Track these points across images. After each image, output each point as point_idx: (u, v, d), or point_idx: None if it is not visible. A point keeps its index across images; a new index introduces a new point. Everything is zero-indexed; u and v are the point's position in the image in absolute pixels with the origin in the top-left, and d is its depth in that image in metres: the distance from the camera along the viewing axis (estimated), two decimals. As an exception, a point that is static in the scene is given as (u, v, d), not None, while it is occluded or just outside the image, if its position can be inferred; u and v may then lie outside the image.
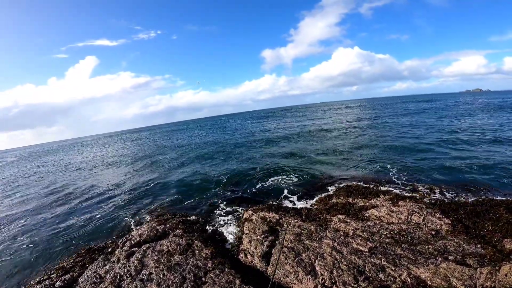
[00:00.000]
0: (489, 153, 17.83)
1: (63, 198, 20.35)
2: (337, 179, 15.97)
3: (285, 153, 25.46)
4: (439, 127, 31.28)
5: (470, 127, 29.38)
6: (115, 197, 18.59)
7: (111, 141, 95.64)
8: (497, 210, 9.53)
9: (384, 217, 9.85)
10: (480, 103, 64.99)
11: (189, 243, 9.52)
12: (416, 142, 23.49)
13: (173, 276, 7.48)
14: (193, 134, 72.36)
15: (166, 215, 13.30)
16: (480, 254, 6.95)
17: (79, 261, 9.78)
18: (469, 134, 24.78)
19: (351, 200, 12.17)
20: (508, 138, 21.74)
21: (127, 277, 7.73)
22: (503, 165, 15.08)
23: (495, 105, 56.32)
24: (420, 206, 10.22)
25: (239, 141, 40.08)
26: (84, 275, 8.41)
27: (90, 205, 17.56)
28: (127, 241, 10.42)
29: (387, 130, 32.24)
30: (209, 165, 25.12)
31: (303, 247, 8.21)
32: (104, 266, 8.64)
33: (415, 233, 8.45)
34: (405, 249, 7.53)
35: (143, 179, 22.71)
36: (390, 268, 6.76)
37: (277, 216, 10.90)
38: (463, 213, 9.75)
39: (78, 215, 15.75)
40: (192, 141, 52.28)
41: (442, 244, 7.60)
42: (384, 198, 11.57)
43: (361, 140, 27.63)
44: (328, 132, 35.87)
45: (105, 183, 23.55)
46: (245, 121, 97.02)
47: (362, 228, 9.07)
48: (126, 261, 8.62)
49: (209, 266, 7.87)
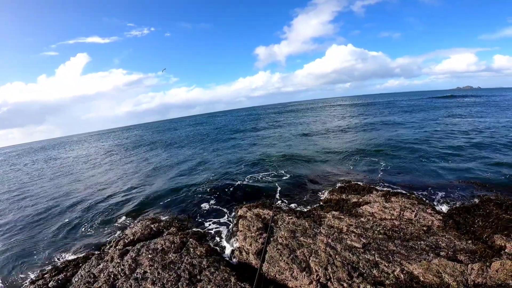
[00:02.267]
0: (478, 152, 18.16)
1: (54, 199, 20.01)
2: (331, 177, 16.06)
3: (277, 151, 25.45)
4: (432, 125, 31.70)
5: (462, 124, 29.88)
6: (107, 196, 18.36)
7: (101, 138, 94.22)
8: (487, 206, 9.73)
9: (377, 213, 9.96)
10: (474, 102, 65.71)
11: (183, 241, 9.48)
12: (408, 140, 23.77)
13: (168, 274, 7.44)
14: (186, 131, 71.89)
15: (159, 214, 13.22)
16: (471, 250, 7.11)
17: (72, 260, 9.66)
18: (463, 132, 25.17)
19: (345, 197, 12.27)
20: (497, 139, 22.18)
21: (122, 276, 7.66)
22: (495, 161, 15.42)
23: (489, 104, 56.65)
24: (412, 202, 10.37)
25: (231, 139, 39.98)
26: (78, 274, 8.31)
27: (82, 204, 17.29)
28: (120, 239, 10.32)
29: (380, 128, 32.51)
30: (201, 163, 24.99)
31: (298, 244, 8.25)
32: (97, 265, 8.55)
33: (407, 229, 8.58)
34: (398, 245, 7.64)
35: (134, 179, 22.47)
36: (384, 264, 6.85)
37: (271, 213, 10.93)
38: (453, 208, 9.94)
39: (69, 215, 15.49)
40: (183, 137, 51.98)
41: (434, 240, 7.74)
42: (377, 194, 11.69)
43: (354, 138, 27.83)
44: (321, 130, 35.96)
45: (94, 183, 23.21)
46: (238, 118, 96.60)
47: (356, 224, 9.17)
48: (120, 260, 8.54)
49: (204, 264, 7.86)
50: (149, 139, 56.65)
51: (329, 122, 44.84)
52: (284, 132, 38.29)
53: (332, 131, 33.76)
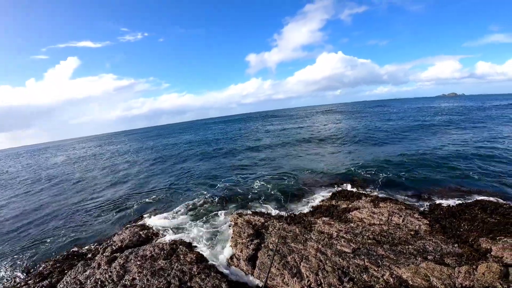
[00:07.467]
0: (462, 159, 18.72)
1: (38, 204, 19.40)
2: (321, 183, 16.18)
3: (267, 158, 25.52)
4: (418, 130, 32.47)
5: (450, 132, 30.74)
6: (94, 203, 17.95)
7: (89, 146, 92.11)
8: (472, 210, 10.04)
9: (366, 218, 10.11)
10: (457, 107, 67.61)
11: (173, 247, 9.33)
12: (396, 147, 24.29)
13: (157, 281, 7.29)
14: (177, 136, 71.21)
15: (147, 220, 12.98)
16: (458, 254, 7.29)
17: (57, 267, 9.34)
18: (450, 140, 25.88)
19: (334, 203, 12.41)
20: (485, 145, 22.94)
21: (109, 283, 7.45)
22: (478, 166, 15.93)
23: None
24: (400, 207, 10.58)
25: (223, 146, 39.91)
26: (63, 281, 8.02)
27: (68, 210, 16.82)
28: (108, 246, 10.07)
29: (368, 135, 33.04)
30: (191, 169, 24.81)
31: (289, 250, 8.27)
32: (84, 272, 8.28)
33: (395, 234, 8.74)
34: (386, 250, 7.76)
35: (122, 188, 22.08)
36: (373, 269, 6.94)
37: (262, 219, 10.92)
38: (440, 213, 10.21)
39: (55, 222, 15.02)
40: (172, 142, 51.48)
41: (421, 244, 7.91)
42: (366, 200, 11.88)
43: (343, 145, 28.22)
44: (312, 138, 36.22)
45: (80, 190, 22.67)
46: (232, 127, 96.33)
47: (346, 229, 9.27)
48: (107, 266, 8.31)
49: (195, 270, 7.75)
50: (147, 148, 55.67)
51: (318, 131, 45.26)
52: (276, 140, 38.42)
53: (321, 139, 34.06)
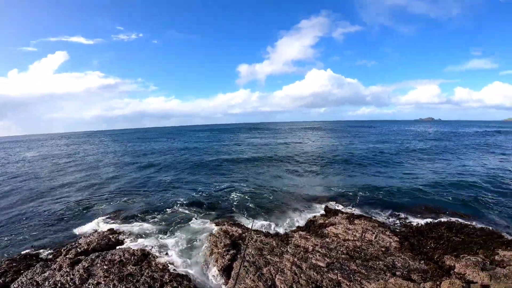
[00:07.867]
0: (436, 180, 19.79)
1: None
2: (299, 199, 16.32)
3: (249, 172, 25.50)
4: (396, 154, 33.71)
5: (423, 152, 32.31)
6: (62, 204, 16.84)
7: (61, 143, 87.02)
8: (439, 229, 10.66)
9: (341, 234, 10.33)
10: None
11: (144, 253, 8.96)
12: (374, 168, 25.16)
13: (125, 287, 6.92)
14: (159, 141, 69.28)
15: (119, 225, 12.35)
16: (424, 270, 7.63)
17: (13, 266, 8.54)
18: (425, 164, 27.19)
19: (312, 218, 12.59)
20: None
21: (70, 286, 6.95)
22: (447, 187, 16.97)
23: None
24: (373, 224, 10.96)
25: (203, 155, 39.42)
26: (18, 281, 7.36)
27: (29, 208, 15.62)
28: (72, 248, 9.44)
29: (349, 156, 33.78)
30: (170, 176, 24.17)
31: (265, 262, 8.22)
32: (42, 273, 7.67)
33: (368, 250, 9.00)
34: (359, 265, 7.95)
35: (93, 189, 21.00)
36: (345, 283, 7.07)
37: (240, 230, 10.83)
38: (409, 231, 10.71)
39: (15, 220, 13.87)
40: (153, 147, 50.00)
41: (391, 260, 8.19)
42: (342, 216, 12.16)
43: (323, 164, 28.82)
44: (295, 155, 36.51)
45: (47, 186, 21.27)
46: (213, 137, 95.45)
47: (321, 244, 9.40)
48: (69, 269, 7.76)
49: (166, 278, 7.46)
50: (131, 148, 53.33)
51: (302, 147, 45.80)
52: (256, 154, 38.42)
53: (302, 156, 34.49)
